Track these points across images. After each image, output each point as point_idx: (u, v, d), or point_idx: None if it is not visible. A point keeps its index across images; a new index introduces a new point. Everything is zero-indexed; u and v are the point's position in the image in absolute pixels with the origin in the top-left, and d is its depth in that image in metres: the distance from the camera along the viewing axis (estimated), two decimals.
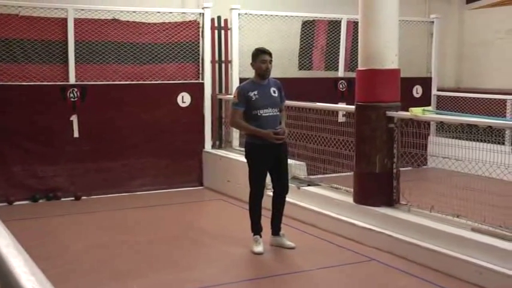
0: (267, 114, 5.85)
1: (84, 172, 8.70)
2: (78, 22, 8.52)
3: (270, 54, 6.01)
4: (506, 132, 9.09)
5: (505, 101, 9.77)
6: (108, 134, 8.84)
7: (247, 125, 5.91)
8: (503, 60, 10.38)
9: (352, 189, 6.82)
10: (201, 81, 9.40)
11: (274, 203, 6.31)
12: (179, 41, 9.20)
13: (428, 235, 5.88)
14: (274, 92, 6.00)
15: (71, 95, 8.53)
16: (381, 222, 6.40)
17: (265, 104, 5.87)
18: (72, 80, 8.54)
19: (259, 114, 5.85)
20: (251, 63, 6.05)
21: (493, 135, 6.95)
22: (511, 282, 4.98)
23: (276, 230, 6.26)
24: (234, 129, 9.50)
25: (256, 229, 6.17)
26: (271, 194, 6.51)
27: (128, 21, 8.92)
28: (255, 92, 5.86)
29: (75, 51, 8.50)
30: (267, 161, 6.03)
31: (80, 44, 8.57)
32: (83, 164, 8.69)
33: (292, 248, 6.11)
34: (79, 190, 8.60)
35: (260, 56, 5.93)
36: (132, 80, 8.99)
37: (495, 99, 9.91)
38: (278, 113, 6.01)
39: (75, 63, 8.55)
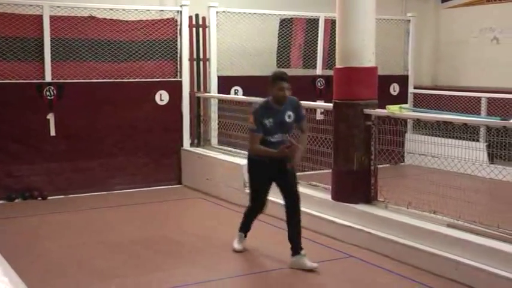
0: (276, 140, 5.62)
1: (61, 171, 8.62)
2: (54, 19, 8.42)
3: (287, 80, 5.61)
4: (481, 129, 9.17)
5: (479, 98, 9.85)
6: (85, 132, 8.77)
7: (266, 149, 5.61)
8: (478, 59, 10.47)
9: (330, 187, 6.83)
10: (179, 79, 9.36)
11: (287, 218, 5.81)
12: (157, 38, 9.16)
13: (405, 231, 5.92)
14: (289, 116, 5.67)
15: (48, 93, 8.44)
16: (359, 219, 6.42)
17: (276, 131, 5.64)
18: (48, 78, 8.45)
19: (269, 140, 5.62)
20: (268, 87, 5.65)
21: (468, 133, 6.99)
22: (485, 276, 5.02)
23: (295, 248, 5.65)
24: (213, 127, 9.51)
25: (245, 228, 6.09)
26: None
27: (104, 19, 8.84)
28: (270, 120, 5.57)
29: (51, 48, 8.40)
30: (267, 176, 5.78)
31: (56, 41, 8.47)
32: (59, 163, 8.61)
33: (315, 270, 5.53)
34: (56, 189, 8.53)
35: (278, 83, 5.53)
36: (110, 78, 8.91)
37: (470, 97, 9.99)
38: (286, 136, 5.80)
39: (52, 61, 8.45)
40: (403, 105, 7.09)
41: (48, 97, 8.46)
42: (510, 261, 4.97)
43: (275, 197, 6.34)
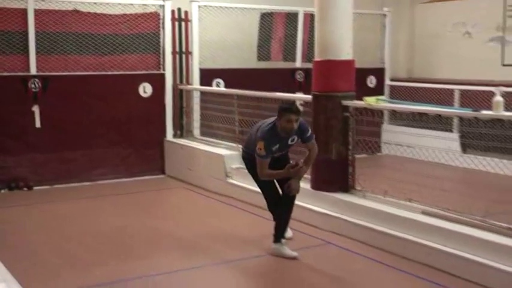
0: (276, 155, 5.51)
1: (46, 162, 8.54)
2: (38, 13, 8.30)
3: (297, 113, 5.34)
4: (454, 120, 9.22)
5: (453, 90, 9.90)
6: (70, 124, 8.68)
7: (276, 172, 5.50)
8: (452, 52, 10.52)
9: (309, 176, 6.82)
10: (162, 71, 9.30)
11: (279, 209, 5.69)
12: (140, 32, 9.09)
13: (382, 219, 5.94)
14: (293, 140, 5.53)
15: (33, 85, 8.35)
16: (337, 208, 6.43)
17: (279, 151, 5.52)
18: (33, 70, 8.34)
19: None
20: (276, 118, 5.35)
21: (442, 123, 7.04)
22: (457, 261, 5.06)
23: (278, 237, 5.61)
24: (195, 119, 9.47)
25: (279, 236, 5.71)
26: None
27: (89, 12, 8.75)
28: (277, 146, 5.43)
29: (36, 42, 8.30)
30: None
31: (41, 34, 8.36)
32: (45, 154, 8.53)
33: (295, 258, 5.51)
34: (41, 180, 8.45)
35: (286, 116, 5.26)
36: (94, 71, 8.83)
37: (444, 89, 10.03)
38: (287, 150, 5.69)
39: (36, 54, 8.34)
40: (380, 97, 7.10)
41: (33, 89, 8.36)
42: (481, 247, 5.01)
43: (255, 185, 6.32)
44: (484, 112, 5.68)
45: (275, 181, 5.67)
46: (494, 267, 4.82)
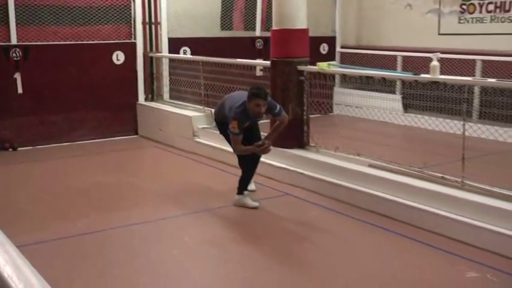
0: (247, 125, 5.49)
1: (29, 125, 8.42)
2: None
3: (264, 97, 5.30)
4: (397, 83, 9.33)
5: (396, 56, 10.00)
6: (49, 90, 8.54)
7: (247, 147, 5.45)
8: (395, 23, 10.57)
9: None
10: (133, 40, 9.17)
11: (246, 165, 5.73)
12: (112, 4, 8.91)
13: (334, 172, 6.02)
14: (261, 116, 5.50)
15: (14, 54, 8.16)
16: (293, 162, 6.50)
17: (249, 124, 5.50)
18: (14, 40, 8.15)
19: None
20: (247, 100, 5.29)
21: (386, 86, 7.12)
22: (401, 208, 5.18)
23: (241, 189, 5.68)
24: (165, 84, 9.40)
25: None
26: None
27: None
28: (248, 122, 5.42)
29: (15, 14, 8.09)
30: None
31: (20, 7, 8.15)
32: (27, 117, 8.40)
33: (256, 208, 5.59)
34: (24, 141, 8.34)
35: (254, 100, 5.24)
36: (71, 41, 8.66)
37: (388, 55, 10.12)
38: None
39: (17, 25, 8.14)
40: (331, 63, 7.14)
41: (15, 58, 8.18)
42: (419, 194, 5.14)
43: (222, 144, 6.34)
44: (423, 76, 5.78)
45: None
46: (430, 211, 4.97)
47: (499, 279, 4.07)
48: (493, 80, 5.79)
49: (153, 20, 9.41)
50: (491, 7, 8.98)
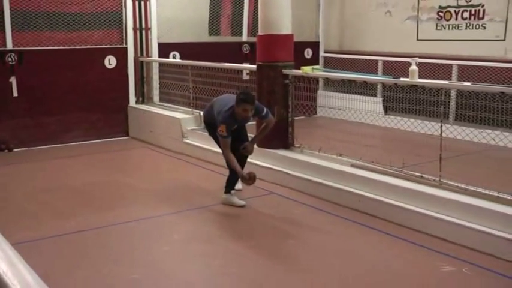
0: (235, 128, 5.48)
1: (24, 127, 8.37)
2: None
3: (252, 103, 5.28)
4: (378, 86, 9.37)
5: (377, 61, 10.04)
6: (44, 93, 8.49)
7: (235, 163, 5.40)
8: (376, 28, 10.62)
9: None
10: (124, 45, 9.14)
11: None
12: (104, 10, 8.88)
13: (317, 171, 6.04)
14: (248, 119, 5.54)
15: (9, 59, 8.11)
16: (279, 162, 6.51)
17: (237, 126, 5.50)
18: (9, 45, 8.11)
19: None
20: (235, 104, 5.26)
21: (368, 89, 7.14)
22: (381, 206, 5.21)
23: (229, 188, 5.70)
24: (155, 87, 9.37)
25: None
26: None
27: None
28: (236, 126, 5.42)
29: (11, 19, 8.05)
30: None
31: (16, 13, 8.10)
32: (22, 119, 8.35)
33: (242, 206, 5.59)
34: (20, 143, 8.29)
35: (242, 105, 5.21)
36: (64, 46, 8.62)
37: (369, 59, 10.16)
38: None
39: (12, 31, 8.10)
40: (315, 66, 7.16)
41: (10, 63, 8.13)
42: (399, 192, 5.17)
43: (210, 145, 6.33)
44: (402, 79, 5.81)
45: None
46: (409, 209, 5.00)
47: (473, 273, 4.11)
48: (469, 83, 5.84)
49: (143, 25, 9.39)
50: (466, 14, 9.04)
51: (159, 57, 9.40)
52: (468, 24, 9.09)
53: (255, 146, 5.82)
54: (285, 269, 4.25)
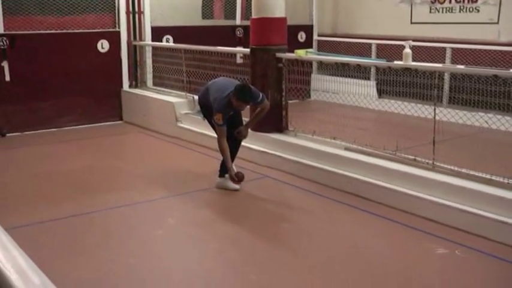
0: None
1: (17, 111, 8.29)
2: None
3: (249, 102, 5.44)
4: (372, 69, 9.35)
5: (370, 44, 10.02)
6: (37, 77, 8.42)
7: (228, 155, 5.42)
8: (369, 12, 10.58)
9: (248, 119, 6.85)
10: (117, 29, 9.06)
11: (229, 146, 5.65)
12: None
13: (311, 154, 6.05)
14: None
15: (1, 43, 8.01)
16: (272, 146, 6.51)
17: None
18: (1, 30, 8.00)
19: None
20: (232, 95, 5.24)
21: (361, 72, 7.12)
22: (375, 189, 5.23)
23: (223, 172, 5.67)
24: (148, 71, 9.32)
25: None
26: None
27: None
28: (231, 113, 5.41)
29: (2, 3, 7.95)
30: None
31: None
32: (15, 104, 8.27)
33: (237, 190, 5.58)
34: (13, 128, 8.23)
35: (239, 101, 5.24)
36: (57, 30, 8.54)
37: (363, 43, 10.13)
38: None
39: (3, 15, 8.00)
40: (309, 50, 7.13)
41: (2, 47, 8.03)
42: (393, 175, 5.19)
43: (204, 129, 6.31)
44: (396, 62, 5.80)
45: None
46: (403, 191, 5.02)
47: (466, 255, 4.14)
48: (462, 66, 5.83)
49: (136, 9, 9.31)
50: None
51: (152, 41, 9.33)
52: (462, 7, 9.06)
53: (249, 130, 5.81)
54: (278, 252, 4.27)
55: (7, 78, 8.13)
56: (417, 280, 3.79)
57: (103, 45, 8.97)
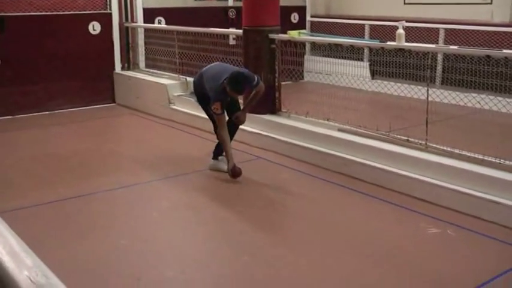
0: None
1: (8, 95, 8.22)
2: None
3: (243, 92, 5.46)
4: (365, 50, 9.32)
5: (363, 25, 9.98)
6: (28, 60, 8.34)
7: (229, 147, 5.38)
8: None
9: (241, 101, 6.84)
10: (109, 11, 8.98)
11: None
12: None
13: (304, 136, 6.05)
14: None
15: None
16: (266, 127, 6.51)
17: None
18: None
19: None
20: (228, 84, 5.17)
21: (354, 53, 7.10)
22: (368, 170, 5.24)
23: (216, 154, 5.69)
24: (141, 53, 9.25)
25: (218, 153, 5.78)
26: None
27: None
28: (228, 99, 5.35)
29: None
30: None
31: None
32: (6, 87, 8.20)
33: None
34: (4, 111, 8.16)
35: (233, 92, 5.20)
36: (47, 11, 8.45)
37: (356, 24, 10.09)
38: None
39: None
40: (302, 31, 7.10)
41: None
42: (386, 156, 5.20)
43: (197, 111, 6.29)
44: (389, 43, 5.79)
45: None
46: (395, 172, 5.04)
47: (458, 234, 4.17)
48: (455, 47, 5.83)
49: None
50: None
51: (144, 22, 9.27)
52: None
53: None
54: (272, 234, 4.29)
55: None
56: (409, 259, 3.82)
57: (94, 27, 8.89)
